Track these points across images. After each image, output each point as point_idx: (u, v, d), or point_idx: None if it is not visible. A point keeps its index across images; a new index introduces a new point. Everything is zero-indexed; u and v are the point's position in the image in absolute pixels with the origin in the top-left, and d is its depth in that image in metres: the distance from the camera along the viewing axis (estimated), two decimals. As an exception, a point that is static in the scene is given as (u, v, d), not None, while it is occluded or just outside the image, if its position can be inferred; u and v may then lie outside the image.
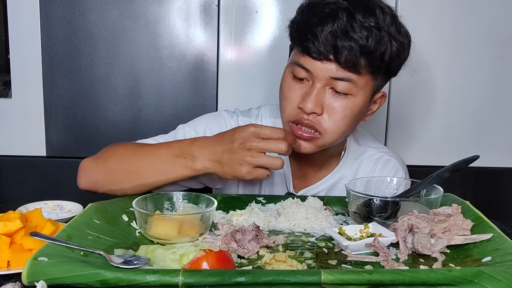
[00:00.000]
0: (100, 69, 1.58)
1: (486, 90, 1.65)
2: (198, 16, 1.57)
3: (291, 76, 1.02)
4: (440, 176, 0.97)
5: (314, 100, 0.98)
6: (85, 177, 1.07)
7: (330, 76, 0.97)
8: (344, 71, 0.96)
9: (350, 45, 0.92)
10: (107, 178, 1.03)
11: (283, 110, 1.04)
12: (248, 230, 0.84)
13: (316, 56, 0.95)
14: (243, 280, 0.65)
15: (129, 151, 1.05)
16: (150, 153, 1.02)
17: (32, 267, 0.67)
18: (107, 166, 1.04)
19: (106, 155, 1.07)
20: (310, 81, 0.99)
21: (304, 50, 0.97)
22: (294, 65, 1.00)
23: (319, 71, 0.97)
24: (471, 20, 1.60)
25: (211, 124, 1.16)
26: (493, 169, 1.69)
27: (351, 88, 0.98)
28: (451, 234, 0.83)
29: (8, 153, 1.62)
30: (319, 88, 0.98)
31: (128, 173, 1.01)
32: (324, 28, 0.93)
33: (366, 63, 0.95)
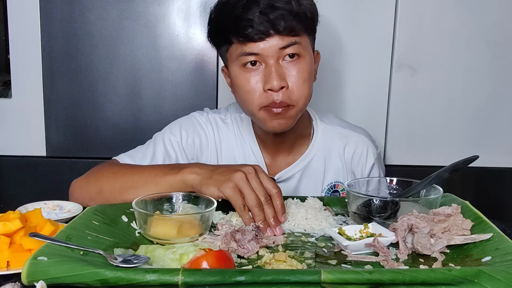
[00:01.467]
0: (100, 69, 1.58)
1: (486, 90, 1.65)
2: (198, 16, 1.57)
3: (243, 69, 1.05)
4: (440, 176, 0.97)
5: (276, 76, 1.02)
6: (79, 196, 1.10)
7: (278, 48, 1.02)
8: (287, 38, 1.02)
9: (281, 13, 1.00)
10: (100, 196, 1.05)
11: (250, 102, 1.06)
12: (248, 230, 0.84)
13: (259, 37, 1.01)
14: (243, 279, 0.65)
15: (122, 169, 1.08)
16: (143, 169, 1.06)
17: (32, 267, 0.67)
18: (99, 185, 1.06)
19: (98, 175, 1.09)
20: (262, 63, 1.04)
21: (245, 38, 1.01)
22: (242, 57, 1.04)
23: (267, 49, 1.02)
24: (471, 20, 1.60)
25: (185, 125, 1.23)
26: (493, 169, 1.69)
27: (299, 49, 1.04)
28: (450, 234, 0.83)
29: (8, 153, 1.62)
30: (274, 63, 1.03)
31: (121, 190, 1.03)
32: (254, 11, 1.00)
33: (298, 24, 1.02)
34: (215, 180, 0.92)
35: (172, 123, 1.25)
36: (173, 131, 1.21)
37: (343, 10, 1.58)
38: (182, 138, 1.20)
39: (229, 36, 1.04)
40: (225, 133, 1.23)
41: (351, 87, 1.63)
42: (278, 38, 1.01)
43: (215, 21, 1.09)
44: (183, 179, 0.97)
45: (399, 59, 1.62)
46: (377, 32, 1.60)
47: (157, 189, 0.98)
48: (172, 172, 0.99)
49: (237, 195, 0.90)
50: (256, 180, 0.91)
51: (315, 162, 1.21)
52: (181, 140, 1.20)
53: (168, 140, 1.20)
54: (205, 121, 1.23)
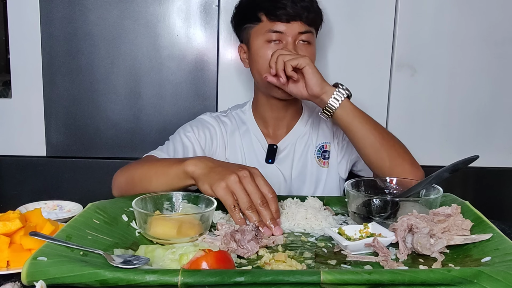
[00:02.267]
0: (100, 69, 1.58)
1: (486, 90, 1.65)
2: (198, 16, 1.57)
3: (267, 43, 1.27)
4: (440, 176, 0.97)
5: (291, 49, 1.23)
6: (114, 185, 1.19)
7: (298, 32, 1.26)
8: (306, 26, 1.27)
9: (306, 5, 1.26)
10: (126, 184, 1.13)
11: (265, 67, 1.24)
12: (248, 230, 0.84)
13: (287, 19, 1.25)
14: (242, 280, 0.65)
15: (144, 162, 1.18)
16: (157, 161, 1.15)
17: (32, 267, 0.67)
18: (126, 174, 1.15)
19: (130, 167, 1.17)
20: (283, 41, 1.26)
21: (276, 18, 1.25)
22: (269, 33, 1.26)
23: (290, 30, 1.25)
24: (471, 20, 1.60)
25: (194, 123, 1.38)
26: (493, 169, 1.69)
27: (311, 38, 1.29)
28: (450, 234, 0.83)
29: (8, 153, 1.62)
30: (291, 42, 1.26)
31: (139, 180, 1.10)
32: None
33: (315, 18, 1.30)
34: (210, 178, 0.95)
35: (182, 126, 1.39)
36: (186, 129, 1.37)
37: (343, 10, 1.58)
38: (194, 132, 1.35)
39: (260, 14, 1.27)
40: (228, 125, 1.41)
41: (351, 87, 1.62)
42: (300, 24, 1.25)
43: (249, 2, 1.32)
44: (185, 170, 1.00)
45: (399, 59, 1.62)
46: (377, 32, 1.60)
47: (165, 179, 1.04)
48: (178, 163, 1.03)
49: (227, 195, 0.92)
50: (251, 183, 0.93)
51: (305, 130, 1.41)
52: (193, 133, 1.35)
53: (184, 135, 1.34)
54: (209, 118, 1.41)
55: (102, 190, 1.56)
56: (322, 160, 1.39)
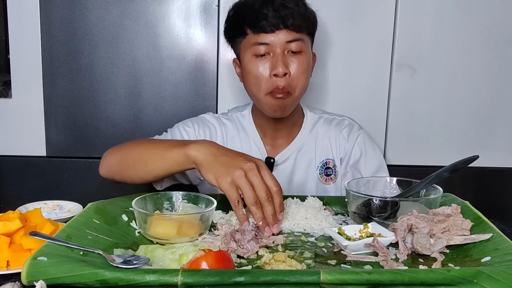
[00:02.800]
0: (100, 69, 1.58)
1: (486, 90, 1.65)
2: (198, 16, 1.57)
3: (254, 57, 1.21)
4: (440, 176, 0.97)
5: (282, 64, 1.18)
6: (104, 164, 1.17)
7: (285, 41, 1.18)
8: (293, 34, 1.19)
9: (291, 12, 1.17)
10: (118, 165, 1.12)
11: (258, 86, 1.21)
12: (248, 230, 0.84)
13: (270, 30, 1.18)
14: (242, 280, 0.65)
15: (140, 142, 1.14)
16: (154, 142, 1.11)
17: (32, 266, 0.67)
18: (119, 154, 1.13)
19: (123, 145, 1.16)
20: (270, 53, 1.19)
21: (259, 29, 1.19)
22: (254, 46, 1.20)
23: (276, 41, 1.19)
24: (471, 20, 1.60)
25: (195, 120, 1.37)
26: (493, 169, 1.69)
27: (302, 46, 1.21)
28: (450, 234, 0.83)
29: (8, 153, 1.62)
30: (280, 53, 1.19)
31: (133, 162, 1.08)
32: (269, 7, 1.17)
33: (303, 23, 1.20)
34: (215, 169, 0.93)
35: (183, 121, 1.38)
36: (186, 124, 1.35)
37: (343, 10, 1.58)
38: (194, 128, 1.34)
39: (245, 28, 1.21)
40: (229, 128, 1.38)
41: (351, 87, 1.63)
42: (286, 32, 1.18)
43: (234, 15, 1.26)
44: (187, 154, 0.98)
45: (399, 59, 1.62)
46: (377, 32, 1.60)
47: (162, 162, 1.02)
48: (178, 146, 1.00)
49: (232, 189, 0.91)
50: (257, 176, 0.91)
51: (307, 144, 1.35)
52: (193, 130, 1.33)
53: (183, 129, 1.33)
54: (211, 118, 1.38)
55: (102, 190, 1.56)
56: (324, 177, 1.34)
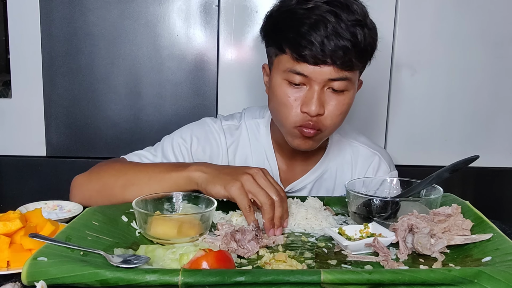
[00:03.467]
0: (100, 69, 1.58)
1: (486, 90, 1.65)
2: (198, 16, 1.57)
3: (286, 83, 1.03)
4: (440, 176, 0.97)
5: (317, 103, 1.00)
6: (79, 194, 1.09)
7: (328, 78, 0.99)
8: (340, 71, 0.99)
9: (344, 45, 0.96)
10: (101, 194, 1.04)
11: (285, 117, 1.05)
12: (248, 230, 0.84)
13: (314, 62, 0.97)
14: (242, 280, 0.65)
15: (125, 167, 1.07)
16: (147, 166, 1.05)
17: (32, 267, 0.67)
18: (101, 182, 1.05)
19: (100, 171, 1.08)
20: (307, 85, 1.01)
21: (300, 58, 0.98)
22: (290, 73, 1.01)
23: (317, 76, 0.99)
24: (471, 20, 1.60)
25: (197, 131, 1.20)
26: (493, 169, 1.69)
27: (347, 85, 1.02)
28: (451, 234, 0.83)
29: (8, 153, 1.62)
30: (318, 90, 1.00)
31: (123, 187, 1.01)
32: (318, 34, 0.96)
33: (357, 59, 1.00)
34: (222, 179, 0.91)
35: (183, 127, 1.22)
36: (183, 135, 1.18)
37: (343, 10, 1.58)
38: (192, 144, 1.18)
39: (284, 46, 1.01)
40: (238, 140, 1.21)
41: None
42: (332, 69, 0.98)
43: (275, 23, 1.04)
44: (189, 176, 0.95)
45: (399, 59, 1.62)
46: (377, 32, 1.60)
47: (161, 186, 0.97)
48: (177, 169, 0.97)
49: (243, 195, 0.89)
50: (264, 179, 0.90)
51: (327, 174, 1.21)
52: (190, 146, 1.17)
53: (177, 144, 1.17)
54: (217, 129, 1.20)
55: (102, 190, 1.55)
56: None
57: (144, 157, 1.15)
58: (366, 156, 1.22)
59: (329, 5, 0.97)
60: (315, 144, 1.09)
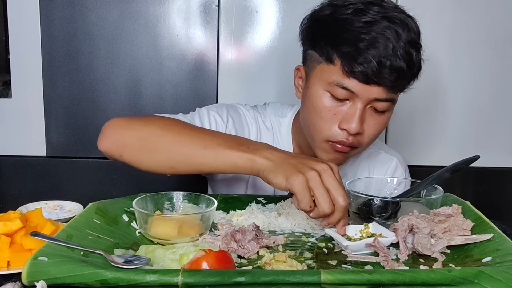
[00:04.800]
0: (100, 69, 1.58)
1: (486, 90, 1.65)
2: (198, 16, 1.57)
3: (329, 96, 0.98)
4: (441, 176, 0.96)
5: (358, 122, 0.96)
6: (113, 136, 0.95)
7: (374, 98, 0.95)
8: (388, 93, 0.96)
9: (400, 69, 0.92)
10: (141, 144, 0.92)
11: (320, 130, 1.00)
12: (248, 230, 0.83)
13: (365, 80, 0.93)
14: (243, 280, 0.65)
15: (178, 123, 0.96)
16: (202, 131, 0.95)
17: (32, 266, 0.67)
18: (145, 132, 0.93)
19: (145, 119, 0.97)
20: (350, 101, 0.97)
21: (351, 74, 0.93)
22: (336, 86, 0.95)
23: (364, 94, 0.94)
24: (471, 20, 1.60)
25: (232, 114, 1.14)
26: (493, 169, 1.69)
27: (389, 106, 0.99)
28: (451, 234, 0.83)
29: (8, 153, 1.62)
30: (361, 108, 0.96)
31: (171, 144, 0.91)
32: (376, 52, 0.90)
33: (406, 84, 0.98)
34: (286, 170, 0.82)
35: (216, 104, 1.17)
36: (220, 112, 1.11)
37: (343, 10, 1.58)
38: (228, 123, 1.11)
39: (334, 56, 0.94)
40: (264, 136, 1.16)
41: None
42: (382, 90, 0.94)
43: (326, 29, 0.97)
44: (253, 160, 0.85)
45: (399, 59, 1.62)
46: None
47: (216, 161, 0.88)
48: (241, 148, 0.87)
49: (305, 191, 0.80)
50: (333, 178, 0.81)
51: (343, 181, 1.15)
52: (226, 125, 1.10)
53: (214, 118, 1.10)
54: (251, 118, 1.16)
55: (102, 190, 1.56)
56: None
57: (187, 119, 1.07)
58: (383, 161, 1.21)
59: (388, 21, 0.92)
60: (345, 160, 1.05)
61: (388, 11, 0.94)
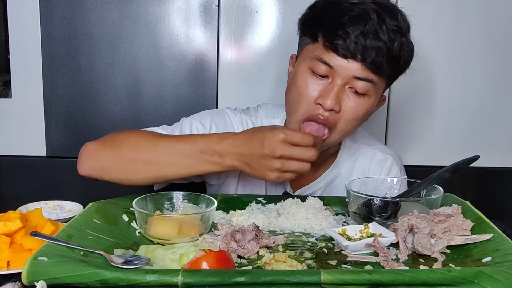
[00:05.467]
0: (100, 69, 1.58)
1: (486, 90, 1.65)
2: (198, 16, 1.57)
3: (309, 72, 1.00)
4: (440, 176, 0.97)
5: (334, 97, 0.98)
6: (90, 162, 1.02)
7: (353, 75, 0.97)
8: (368, 72, 0.97)
9: (379, 45, 0.94)
10: (117, 166, 0.99)
11: (298, 106, 1.02)
12: (248, 230, 0.84)
13: (344, 54, 0.95)
14: (242, 280, 0.65)
15: (145, 141, 1.00)
16: (171, 146, 0.98)
17: (32, 266, 0.67)
18: (119, 153, 0.99)
19: (117, 141, 1.01)
20: (330, 77, 0.99)
21: (332, 47, 0.96)
22: (316, 60, 0.98)
23: (343, 69, 0.97)
24: (471, 20, 1.60)
25: (216, 119, 1.17)
26: (493, 169, 1.69)
27: (370, 89, 0.99)
28: (451, 234, 0.83)
29: (8, 153, 1.62)
30: (339, 85, 0.98)
31: (144, 164, 0.98)
32: (356, 27, 0.94)
33: (388, 65, 0.97)
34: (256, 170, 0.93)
35: (201, 112, 1.19)
36: (203, 120, 1.15)
37: (343, 10, 1.58)
38: (211, 131, 1.14)
39: (318, 33, 0.99)
40: None
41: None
42: (360, 66, 0.96)
43: (316, 12, 1.03)
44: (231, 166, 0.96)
45: (399, 59, 1.62)
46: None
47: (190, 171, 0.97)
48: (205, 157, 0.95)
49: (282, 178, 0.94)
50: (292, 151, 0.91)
51: (338, 179, 1.19)
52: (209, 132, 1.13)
53: (196, 128, 1.14)
54: (237, 122, 1.18)
55: (102, 190, 1.56)
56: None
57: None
58: (379, 160, 1.21)
59: (375, 4, 0.96)
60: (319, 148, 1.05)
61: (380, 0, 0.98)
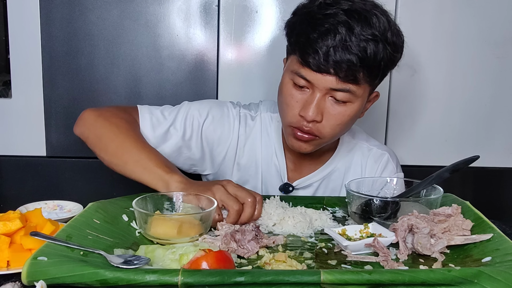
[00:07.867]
0: (100, 69, 1.58)
1: (486, 90, 1.65)
2: (198, 16, 1.57)
3: (291, 83, 1.04)
4: (440, 176, 0.97)
5: (314, 109, 1.01)
6: (81, 128, 1.13)
7: (330, 88, 1.00)
8: (344, 83, 0.99)
9: (349, 59, 0.95)
10: (95, 143, 1.09)
11: (284, 115, 1.07)
12: (248, 230, 0.84)
13: (316, 69, 0.98)
14: (242, 280, 0.65)
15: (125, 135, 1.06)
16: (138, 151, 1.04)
17: (32, 266, 0.67)
18: (100, 133, 1.08)
19: (106, 122, 1.09)
20: (310, 89, 1.02)
21: (305, 63, 0.99)
22: (294, 74, 1.02)
23: (319, 83, 0.99)
24: (471, 20, 1.60)
25: (215, 110, 1.21)
26: (493, 169, 1.69)
27: (350, 97, 1.01)
28: (451, 234, 0.83)
29: (8, 153, 1.62)
30: (319, 97, 1.01)
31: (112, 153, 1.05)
32: (324, 44, 0.95)
33: (365, 74, 0.99)
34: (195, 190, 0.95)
35: (204, 100, 1.24)
36: (201, 110, 1.19)
37: (343, 10, 1.58)
38: (206, 120, 1.18)
39: (294, 48, 1.02)
40: (251, 131, 1.22)
41: (351, 87, 1.63)
42: (335, 79, 0.98)
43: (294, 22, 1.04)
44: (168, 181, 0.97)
45: (399, 59, 1.62)
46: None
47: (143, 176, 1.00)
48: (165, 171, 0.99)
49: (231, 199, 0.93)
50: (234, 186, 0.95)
51: (335, 174, 1.21)
52: (204, 122, 1.18)
53: (191, 116, 1.17)
54: (234, 115, 1.21)
55: (102, 190, 1.56)
56: None
57: (155, 117, 1.15)
58: (375, 157, 1.23)
59: (346, 15, 0.96)
60: (310, 148, 1.09)
61: (355, 5, 0.98)
